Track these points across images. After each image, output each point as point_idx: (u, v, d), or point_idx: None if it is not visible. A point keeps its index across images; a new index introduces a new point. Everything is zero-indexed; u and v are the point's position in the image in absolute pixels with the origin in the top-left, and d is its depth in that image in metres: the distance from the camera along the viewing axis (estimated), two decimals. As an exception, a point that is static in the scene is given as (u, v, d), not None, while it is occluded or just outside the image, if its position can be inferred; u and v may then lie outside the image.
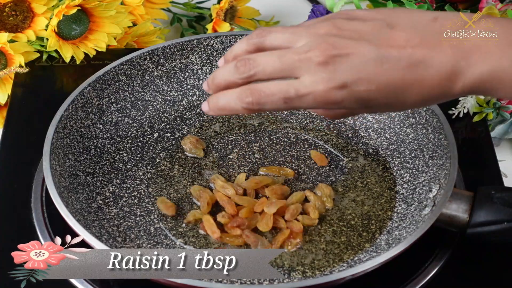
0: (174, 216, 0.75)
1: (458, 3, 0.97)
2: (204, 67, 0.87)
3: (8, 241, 0.72)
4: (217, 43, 0.86)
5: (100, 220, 0.74)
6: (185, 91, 0.86)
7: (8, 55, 0.87)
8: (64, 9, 0.87)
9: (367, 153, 0.81)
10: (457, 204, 0.70)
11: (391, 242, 0.72)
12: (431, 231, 0.68)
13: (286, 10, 1.08)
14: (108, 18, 0.91)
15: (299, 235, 0.72)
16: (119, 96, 0.83)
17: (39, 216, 0.74)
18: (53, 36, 0.88)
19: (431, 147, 0.77)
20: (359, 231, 0.74)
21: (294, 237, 0.72)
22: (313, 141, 0.82)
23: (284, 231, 0.72)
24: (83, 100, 0.79)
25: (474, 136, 0.85)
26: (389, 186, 0.78)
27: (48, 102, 0.86)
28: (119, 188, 0.77)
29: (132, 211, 0.75)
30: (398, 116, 0.82)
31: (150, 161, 0.80)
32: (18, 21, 0.90)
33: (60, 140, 0.75)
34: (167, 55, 0.85)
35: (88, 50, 0.91)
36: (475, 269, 0.72)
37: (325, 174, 0.79)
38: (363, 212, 0.75)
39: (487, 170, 0.81)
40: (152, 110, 0.85)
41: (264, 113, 0.85)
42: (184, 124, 0.84)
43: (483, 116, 0.86)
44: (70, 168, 0.75)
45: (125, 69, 0.83)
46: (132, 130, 0.83)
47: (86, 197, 0.75)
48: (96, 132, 0.80)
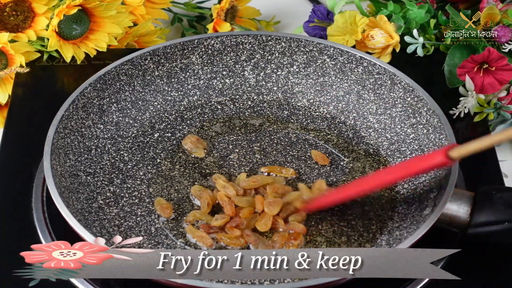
0: (171, 217, 0.75)
1: (458, 3, 0.97)
2: (205, 67, 0.87)
3: (9, 241, 0.72)
4: (217, 43, 0.86)
5: (101, 220, 0.74)
6: (186, 91, 0.86)
7: (9, 55, 0.87)
8: (64, 9, 0.87)
9: (368, 153, 0.81)
10: (458, 204, 0.70)
11: (392, 242, 0.72)
12: (432, 231, 0.68)
13: (286, 10, 1.08)
14: (109, 18, 0.91)
15: (300, 236, 0.72)
16: (120, 96, 0.83)
17: (39, 216, 0.74)
18: (53, 36, 0.88)
19: (432, 147, 0.77)
20: (360, 231, 0.74)
21: (295, 238, 0.72)
22: (314, 141, 0.82)
23: (282, 233, 0.72)
24: (83, 100, 0.79)
25: (475, 136, 0.85)
26: (390, 186, 0.78)
27: (49, 102, 0.86)
28: (119, 188, 0.77)
29: (133, 211, 0.75)
30: (398, 116, 0.82)
31: (151, 161, 0.80)
32: (19, 21, 0.90)
33: (60, 140, 0.75)
34: (167, 55, 0.85)
35: (89, 50, 0.91)
36: (475, 269, 0.72)
37: (326, 174, 0.79)
38: (364, 212, 0.75)
39: (487, 170, 0.81)
40: (152, 110, 0.85)
41: (265, 113, 0.86)
42: (185, 124, 0.84)
43: (484, 116, 0.86)
44: (70, 168, 0.75)
45: (125, 69, 0.83)
46: (132, 130, 0.83)
47: (87, 197, 0.75)
48: (96, 132, 0.80)
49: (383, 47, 0.91)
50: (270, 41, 0.86)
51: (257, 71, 0.88)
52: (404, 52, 0.91)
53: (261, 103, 0.87)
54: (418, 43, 0.90)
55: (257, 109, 0.86)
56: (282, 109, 0.86)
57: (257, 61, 0.87)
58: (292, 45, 0.86)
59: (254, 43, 0.87)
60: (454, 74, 0.87)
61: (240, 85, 0.88)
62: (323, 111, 0.86)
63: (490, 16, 0.89)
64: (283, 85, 0.87)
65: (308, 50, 0.86)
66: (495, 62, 0.85)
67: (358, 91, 0.85)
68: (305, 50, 0.86)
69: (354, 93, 0.85)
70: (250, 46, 0.87)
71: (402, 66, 0.84)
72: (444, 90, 0.88)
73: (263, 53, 0.87)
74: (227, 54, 0.87)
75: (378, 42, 0.90)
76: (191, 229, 0.73)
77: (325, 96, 0.86)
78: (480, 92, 0.86)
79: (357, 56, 0.84)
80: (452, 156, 0.67)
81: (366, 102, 0.84)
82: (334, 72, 0.86)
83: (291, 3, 1.09)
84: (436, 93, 0.81)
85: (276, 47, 0.87)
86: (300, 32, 0.98)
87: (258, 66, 0.87)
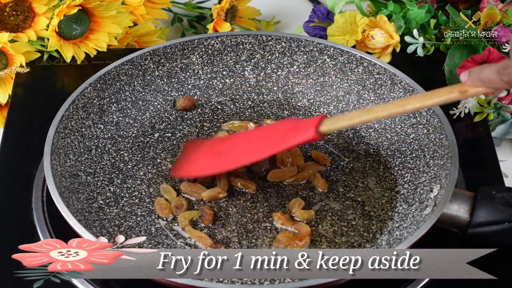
0: (170, 217, 0.75)
1: (458, 3, 0.97)
2: (205, 67, 0.87)
3: (9, 241, 0.72)
4: (218, 43, 0.86)
5: (101, 220, 0.74)
6: (186, 91, 0.86)
7: (9, 55, 0.87)
8: (65, 9, 0.87)
9: (368, 153, 0.81)
10: (458, 204, 0.70)
11: (392, 242, 0.72)
12: (432, 231, 0.68)
13: (286, 10, 1.08)
14: (109, 18, 0.91)
15: (306, 237, 0.72)
16: (120, 96, 0.83)
17: (40, 216, 0.74)
18: (54, 36, 0.88)
19: (432, 147, 0.77)
20: (360, 231, 0.74)
21: (301, 238, 0.72)
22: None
23: (286, 233, 0.72)
24: (84, 100, 0.79)
25: (475, 136, 0.85)
26: (390, 186, 0.78)
27: (49, 102, 0.86)
28: (120, 188, 0.77)
29: (133, 211, 0.75)
30: (399, 117, 0.82)
31: (151, 161, 0.80)
32: (19, 21, 0.90)
33: (61, 140, 0.75)
34: (168, 55, 0.85)
35: (89, 50, 0.91)
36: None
37: (326, 174, 0.79)
38: (364, 212, 0.75)
39: (488, 170, 0.81)
40: (153, 110, 0.85)
41: (265, 113, 0.85)
42: (185, 124, 0.84)
43: (484, 116, 0.86)
44: (71, 168, 0.75)
45: (126, 69, 0.83)
46: (133, 130, 0.83)
47: (87, 197, 0.75)
48: (97, 132, 0.80)
49: (383, 47, 0.91)
50: (270, 41, 0.86)
51: (257, 71, 0.88)
52: (404, 52, 0.91)
53: (261, 103, 0.87)
54: (418, 43, 0.90)
55: (257, 109, 0.86)
56: (282, 109, 0.86)
57: (257, 61, 0.87)
58: (292, 45, 0.86)
59: (254, 43, 0.87)
60: (454, 74, 0.87)
61: (240, 85, 0.88)
62: (323, 111, 0.86)
63: (490, 16, 0.89)
64: (283, 85, 0.87)
65: (308, 50, 0.86)
66: (495, 62, 0.85)
67: (358, 91, 0.85)
68: (305, 50, 0.86)
69: (354, 93, 0.85)
70: (250, 46, 0.87)
71: (402, 66, 0.84)
72: (444, 90, 0.88)
73: (263, 53, 0.87)
74: (227, 54, 0.87)
75: (378, 42, 0.90)
76: (190, 230, 0.73)
77: (325, 96, 0.86)
78: (480, 92, 0.86)
79: (357, 56, 0.84)
80: (322, 131, 0.70)
81: (366, 102, 0.84)
82: (334, 72, 0.86)
83: (291, 3, 1.09)
84: (436, 93, 0.81)
85: (276, 47, 0.87)
86: (300, 32, 0.98)
87: (258, 66, 0.87)
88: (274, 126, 0.79)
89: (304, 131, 0.71)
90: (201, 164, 0.76)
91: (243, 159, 0.75)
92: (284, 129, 0.74)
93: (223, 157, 0.76)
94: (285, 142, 0.72)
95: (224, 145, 0.78)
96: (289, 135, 0.72)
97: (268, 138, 0.75)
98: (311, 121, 0.71)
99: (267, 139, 0.75)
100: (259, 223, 0.74)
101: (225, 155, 0.76)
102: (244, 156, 0.75)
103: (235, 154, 0.75)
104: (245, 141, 0.77)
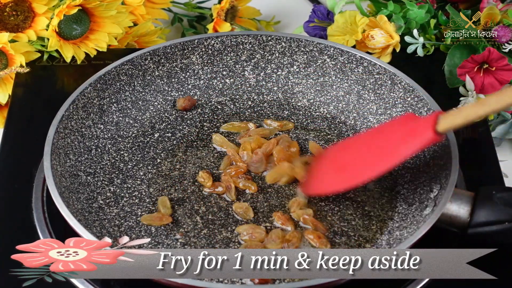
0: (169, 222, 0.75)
1: (458, 3, 0.97)
2: (205, 67, 0.87)
3: (9, 241, 0.72)
4: (218, 43, 0.86)
5: (101, 220, 0.74)
6: (186, 91, 0.86)
7: (9, 55, 0.87)
8: (65, 9, 0.87)
9: (368, 153, 0.81)
10: (458, 204, 0.70)
11: (392, 242, 0.72)
12: (432, 231, 0.68)
13: (286, 10, 1.08)
14: (109, 18, 0.91)
15: (323, 237, 0.72)
16: (120, 96, 0.83)
17: (39, 216, 0.74)
18: (54, 36, 0.88)
19: (432, 147, 0.77)
20: (360, 231, 0.74)
21: (320, 237, 0.72)
22: (314, 141, 0.82)
23: (296, 233, 0.72)
24: (84, 100, 0.79)
25: (475, 136, 0.85)
26: (390, 186, 0.78)
27: (49, 102, 0.86)
28: (120, 188, 0.77)
29: (133, 211, 0.75)
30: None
31: (151, 161, 0.80)
32: (19, 21, 0.90)
33: (61, 140, 0.75)
34: (168, 55, 0.85)
35: (89, 50, 0.91)
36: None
37: (326, 174, 0.79)
38: (364, 213, 0.75)
39: (488, 170, 0.81)
40: (153, 110, 0.85)
41: (265, 113, 0.85)
42: (185, 124, 0.84)
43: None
44: (71, 168, 0.75)
45: (126, 69, 0.83)
46: (133, 130, 0.83)
47: (87, 197, 0.75)
48: (97, 132, 0.80)
49: (383, 47, 0.91)
50: (270, 41, 0.86)
51: (257, 71, 0.88)
52: (404, 52, 0.91)
53: (261, 103, 0.87)
54: (418, 43, 0.90)
55: (257, 109, 0.86)
56: (282, 109, 0.86)
57: (257, 61, 0.87)
58: (292, 45, 0.86)
59: (254, 43, 0.87)
60: (454, 74, 0.87)
61: (240, 85, 0.88)
62: (323, 111, 0.86)
63: (490, 16, 0.89)
64: (283, 85, 0.87)
65: (308, 50, 0.86)
66: (495, 62, 0.85)
67: (358, 91, 0.85)
68: (305, 50, 0.86)
69: (354, 93, 0.85)
70: (250, 46, 0.87)
71: (402, 66, 0.84)
72: (444, 90, 0.88)
73: (263, 53, 0.87)
74: (227, 54, 0.87)
75: (378, 42, 0.90)
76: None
77: (325, 96, 0.86)
78: (480, 92, 0.86)
79: (357, 56, 0.84)
80: (440, 131, 0.67)
81: (366, 102, 0.84)
82: (334, 72, 0.86)
83: (291, 3, 1.09)
84: (436, 93, 0.81)
85: (276, 47, 0.87)
86: (300, 32, 0.98)
87: (258, 66, 0.87)
88: (388, 128, 0.76)
89: (421, 135, 0.67)
90: (327, 180, 0.75)
91: (365, 173, 0.73)
92: (399, 133, 0.72)
93: (346, 172, 0.74)
94: (403, 150, 0.70)
95: (344, 156, 0.76)
96: (405, 141, 0.70)
97: (385, 147, 0.73)
98: (426, 121, 0.68)
99: (384, 148, 0.73)
100: (259, 223, 0.74)
101: (348, 169, 0.75)
102: (366, 170, 0.73)
103: (357, 167, 0.74)
104: (363, 150, 0.75)
